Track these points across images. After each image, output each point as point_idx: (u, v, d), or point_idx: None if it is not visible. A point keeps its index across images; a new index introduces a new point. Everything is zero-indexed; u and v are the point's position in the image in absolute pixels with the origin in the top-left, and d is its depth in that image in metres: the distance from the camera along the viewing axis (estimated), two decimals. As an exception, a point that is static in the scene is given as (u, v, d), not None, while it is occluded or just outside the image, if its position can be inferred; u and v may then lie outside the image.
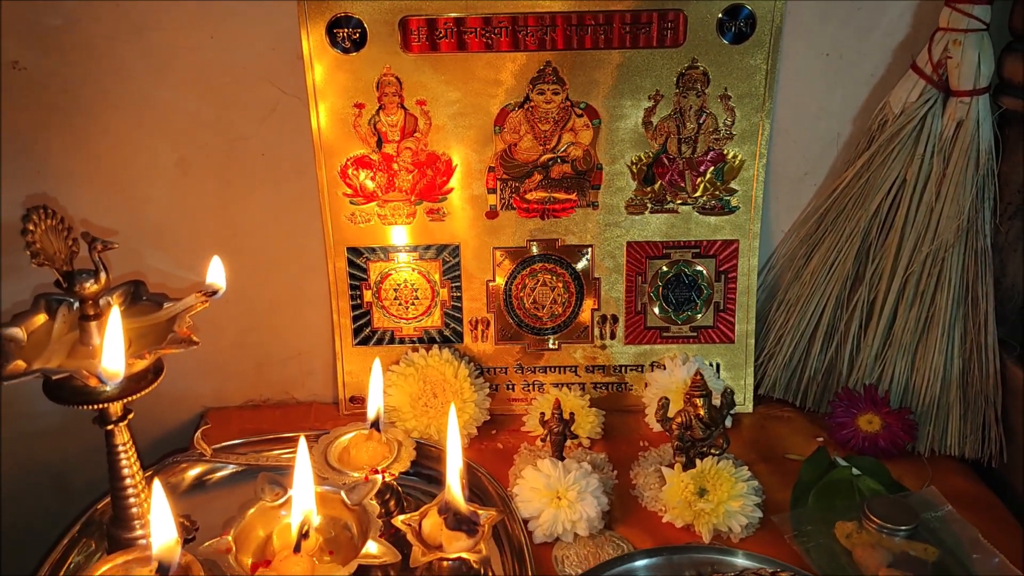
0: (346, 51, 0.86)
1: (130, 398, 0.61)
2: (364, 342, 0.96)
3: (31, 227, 0.57)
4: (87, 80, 0.83)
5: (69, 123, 0.85)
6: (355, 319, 0.95)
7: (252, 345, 0.98)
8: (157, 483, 0.58)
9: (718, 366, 0.97)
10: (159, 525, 0.58)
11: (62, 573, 0.77)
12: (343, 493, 0.73)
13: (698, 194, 0.93)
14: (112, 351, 0.56)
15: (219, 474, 0.87)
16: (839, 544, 0.79)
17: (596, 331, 0.97)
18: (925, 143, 0.87)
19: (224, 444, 0.88)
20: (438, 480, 0.77)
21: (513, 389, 0.98)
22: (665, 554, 0.74)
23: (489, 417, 0.95)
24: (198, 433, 0.80)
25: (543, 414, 0.87)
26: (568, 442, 0.88)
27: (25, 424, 1.00)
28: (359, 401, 0.97)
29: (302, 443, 0.67)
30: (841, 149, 0.93)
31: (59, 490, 1.03)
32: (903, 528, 0.77)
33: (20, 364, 0.57)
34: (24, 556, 0.96)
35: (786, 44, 0.88)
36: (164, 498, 0.58)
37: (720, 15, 0.86)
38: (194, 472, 0.86)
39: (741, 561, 0.73)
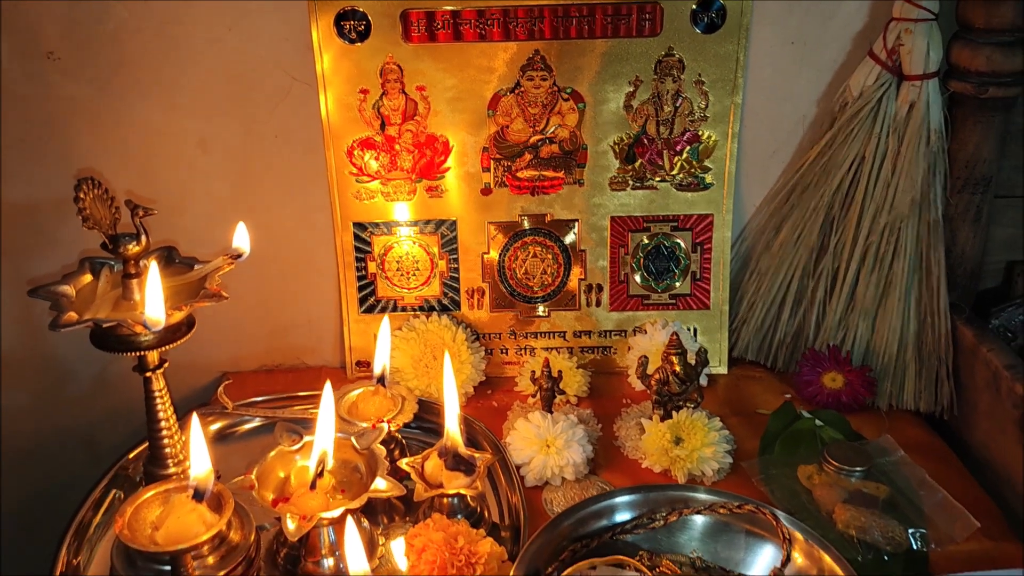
0: (352, 41, 0.94)
1: (166, 347, 0.69)
2: (369, 310, 1.04)
3: (81, 195, 0.65)
4: (117, 70, 0.91)
5: (99, 108, 0.93)
6: (361, 289, 1.03)
7: (266, 314, 1.05)
8: (195, 418, 0.66)
9: (695, 331, 1.05)
10: (197, 457, 0.67)
11: (98, 516, 0.85)
12: (353, 439, 0.81)
13: (675, 172, 1.01)
14: (154, 301, 0.64)
15: (239, 428, 0.96)
16: (800, 485, 0.87)
17: (583, 299, 1.05)
18: (881, 123, 0.95)
19: (243, 402, 0.96)
20: (438, 432, 0.85)
21: (506, 353, 1.06)
22: (643, 492, 0.82)
23: (485, 378, 1.03)
24: (220, 388, 0.88)
25: (534, 372, 0.96)
26: (557, 398, 0.96)
27: (57, 391, 1.08)
28: (365, 365, 1.05)
29: (327, 388, 0.75)
30: (806, 129, 1.01)
31: (88, 451, 1.11)
32: (858, 469, 0.86)
33: (72, 315, 0.66)
34: (58, 508, 1.04)
35: (755, 33, 0.96)
36: (201, 433, 0.66)
37: (694, 7, 0.94)
38: (216, 426, 0.94)
39: (710, 497, 0.81)
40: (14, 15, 0.88)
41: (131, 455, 0.89)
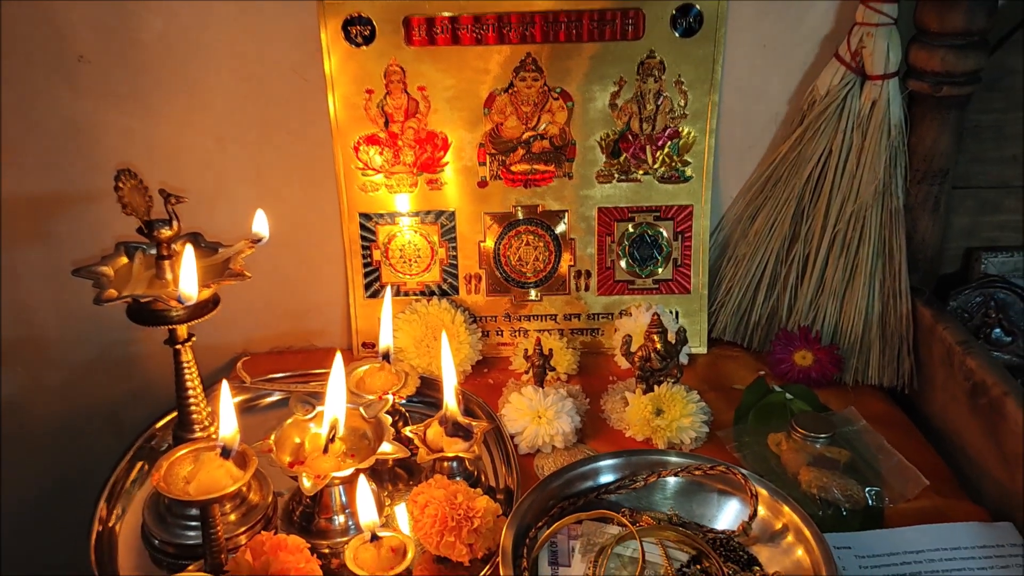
0: (358, 45, 1.01)
1: (195, 321, 0.77)
2: (374, 295, 1.12)
3: (120, 185, 0.73)
4: (142, 71, 0.98)
5: (126, 108, 1.00)
6: (366, 275, 1.11)
7: (278, 299, 1.13)
8: (224, 384, 0.74)
9: (677, 313, 1.12)
10: (225, 418, 0.74)
11: (127, 483, 0.93)
12: (361, 409, 0.88)
13: (657, 166, 1.08)
14: (188, 278, 0.72)
15: (256, 403, 1.03)
16: (770, 451, 0.95)
17: (572, 284, 1.12)
18: (846, 120, 1.02)
19: (259, 378, 1.04)
20: (438, 406, 0.92)
21: (502, 335, 1.14)
22: (625, 456, 0.89)
23: (481, 358, 1.11)
24: (239, 363, 0.96)
25: (527, 350, 1.03)
26: (548, 375, 1.04)
27: (81, 371, 1.15)
28: (370, 346, 1.13)
29: (338, 358, 0.82)
30: (778, 126, 1.08)
31: (112, 427, 1.18)
32: (822, 436, 0.93)
33: (112, 292, 0.73)
34: (86, 480, 1.12)
35: (730, 37, 1.03)
36: (229, 397, 0.74)
37: (673, 12, 1.01)
38: (236, 400, 1.02)
39: (685, 460, 0.89)
40: (47, 21, 0.96)
41: (157, 425, 0.97)
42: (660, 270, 1.12)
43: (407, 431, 0.90)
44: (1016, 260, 1.09)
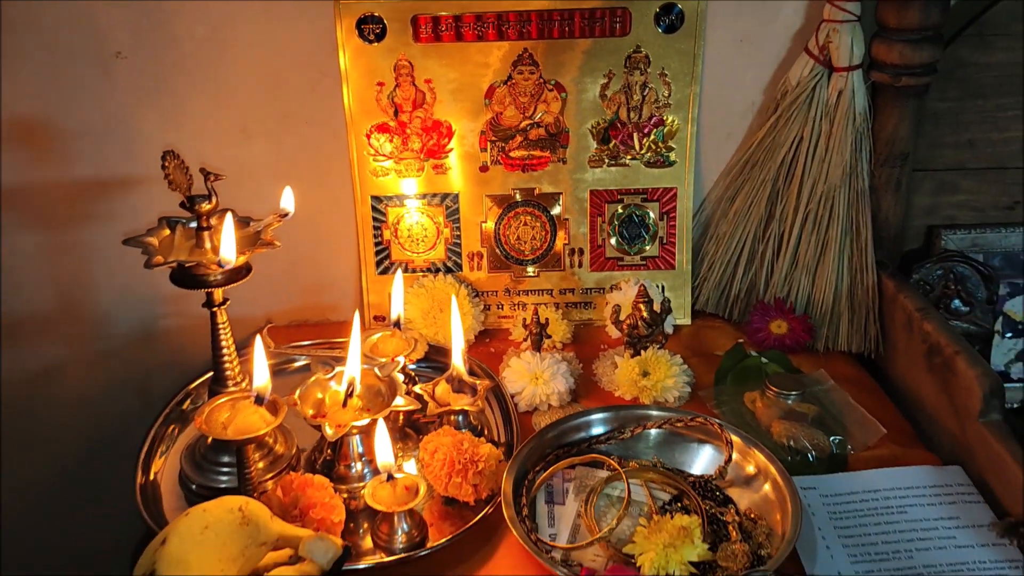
0: (370, 42, 1.11)
1: (230, 285, 0.87)
2: (384, 272, 1.21)
3: (166, 164, 0.83)
4: (174, 67, 1.07)
5: (159, 101, 1.09)
6: (377, 253, 1.20)
7: (296, 276, 1.21)
8: (258, 339, 0.84)
9: (663, 287, 1.21)
10: (258, 369, 0.84)
11: (165, 439, 1.03)
12: (375, 369, 0.98)
13: (644, 151, 1.18)
14: (228, 244, 0.82)
15: (279, 368, 1.12)
16: (746, 408, 1.04)
17: (567, 261, 1.22)
18: (816, 108, 1.11)
19: (282, 346, 1.14)
20: (444, 369, 1.02)
21: (502, 308, 1.23)
22: (614, 410, 0.99)
23: (483, 328, 1.20)
24: (264, 330, 1.06)
25: (525, 319, 1.13)
26: (544, 342, 1.13)
27: (107, 344, 1.23)
28: (381, 319, 1.22)
29: (355, 319, 0.92)
30: (754, 114, 1.17)
31: (141, 397, 1.27)
32: (793, 393, 1.02)
33: (160, 258, 0.83)
34: (119, 442, 1.21)
35: (709, 33, 1.12)
36: (263, 351, 0.84)
37: (657, 10, 1.10)
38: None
39: (669, 413, 0.98)
40: (88, 20, 1.05)
41: (191, 386, 1.07)
42: (647, 248, 1.21)
43: (417, 388, 1.00)
44: (973, 236, 1.18)
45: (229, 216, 0.83)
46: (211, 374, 0.98)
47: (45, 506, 1.29)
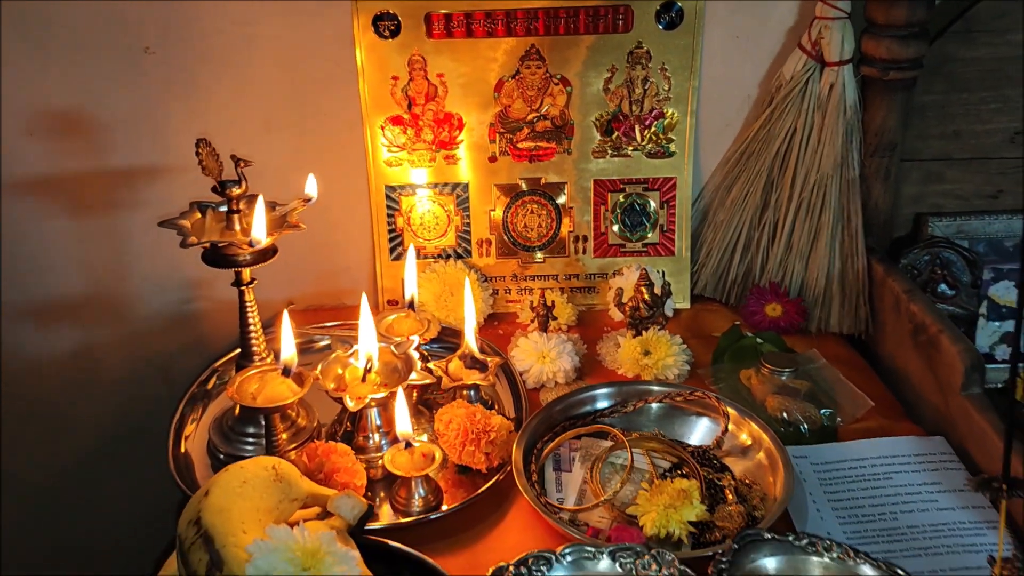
0: (385, 38, 1.16)
1: (258, 265, 0.92)
2: (397, 258, 1.27)
3: (200, 151, 0.89)
4: (200, 62, 1.13)
5: (186, 94, 1.15)
6: (391, 240, 1.26)
7: (313, 262, 1.27)
8: (285, 314, 0.90)
9: (663, 273, 1.27)
10: (285, 343, 0.90)
11: (191, 420, 1.08)
12: (392, 347, 1.04)
13: (645, 143, 1.23)
14: (259, 224, 0.88)
15: (300, 349, 1.18)
16: (742, 384, 1.10)
17: (572, 248, 1.27)
18: (808, 101, 1.17)
19: (303, 327, 1.20)
20: (456, 349, 1.08)
21: (510, 293, 1.28)
22: (617, 386, 1.05)
23: (492, 312, 1.26)
24: (286, 310, 1.11)
25: (531, 302, 1.19)
26: (550, 323, 1.19)
27: (134, 327, 1.29)
28: (394, 303, 1.28)
29: (363, 298, 0.97)
30: (750, 107, 1.22)
31: (163, 379, 1.32)
32: (787, 370, 1.08)
33: (193, 239, 0.89)
34: (142, 425, 1.27)
35: (707, 30, 1.18)
36: (289, 325, 0.90)
37: (657, 8, 1.16)
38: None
39: (669, 388, 1.04)
40: (119, 17, 1.11)
41: (216, 364, 1.13)
42: (648, 235, 1.27)
43: (431, 365, 1.06)
44: (959, 223, 1.24)
45: (260, 199, 0.89)
46: (237, 352, 1.03)
47: (76, 483, 1.35)
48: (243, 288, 0.95)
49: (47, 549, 1.41)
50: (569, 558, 0.80)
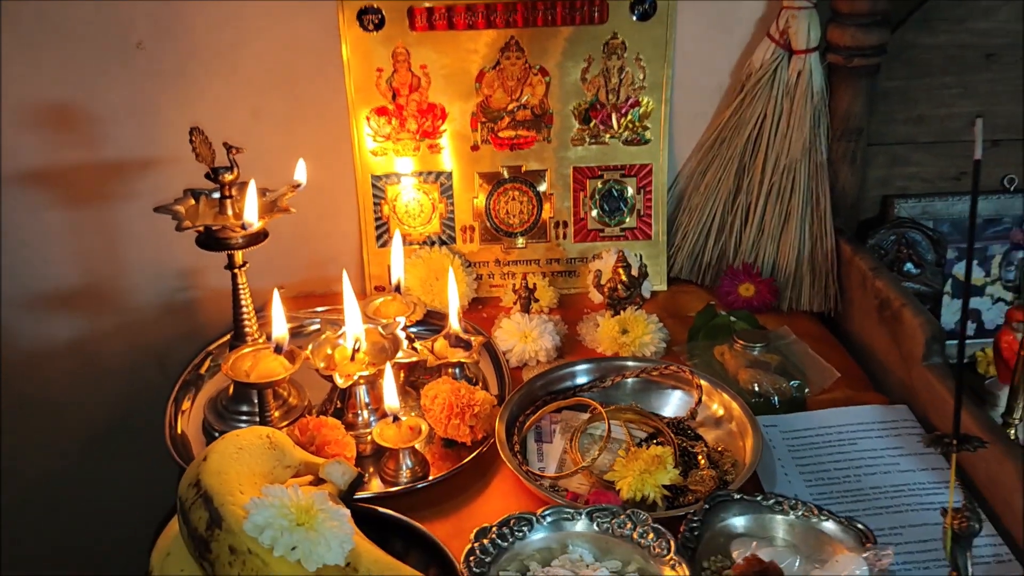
0: (370, 31, 1.20)
1: (250, 248, 0.97)
2: (384, 245, 1.30)
3: (194, 138, 0.93)
4: (190, 55, 1.17)
5: (177, 87, 1.19)
6: (377, 228, 1.30)
7: (302, 251, 1.31)
8: (275, 293, 0.94)
9: (641, 256, 1.31)
10: (276, 321, 0.94)
11: (186, 400, 1.12)
12: (379, 328, 1.08)
13: (622, 130, 1.28)
14: (251, 208, 0.92)
15: (291, 332, 1.22)
16: (716, 360, 1.14)
17: (552, 233, 1.32)
18: (777, 88, 1.22)
19: (294, 312, 1.24)
20: (441, 332, 1.13)
21: (493, 278, 1.32)
22: (595, 362, 1.10)
23: (476, 296, 1.30)
24: (276, 289, 1.15)
25: (514, 284, 1.23)
26: (532, 306, 1.24)
27: (131, 315, 1.33)
28: (382, 289, 1.32)
29: (344, 276, 1.01)
30: (722, 95, 1.27)
31: (158, 366, 1.36)
32: (758, 345, 1.13)
33: (188, 223, 0.93)
34: (136, 411, 1.31)
35: (680, 20, 1.22)
36: (280, 305, 0.94)
37: (631, 0, 1.22)
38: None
39: (645, 363, 1.09)
40: (111, 14, 1.15)
41: (210, 347, 1.17)
42: (626, 220, 1.31)
43: (418, 344, 1.10)
44: (923, 205, 1.29)
45: (252, 183, 0.94)
46: (230, 335, 1.07)
47: (75, 469, 1.39)
48: (236, 271, 0.99)
49: (47, 534, 1.45)
50: (549, 519, 0.84)
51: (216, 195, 0.99)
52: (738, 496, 0.87)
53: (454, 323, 1.10)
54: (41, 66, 1.16)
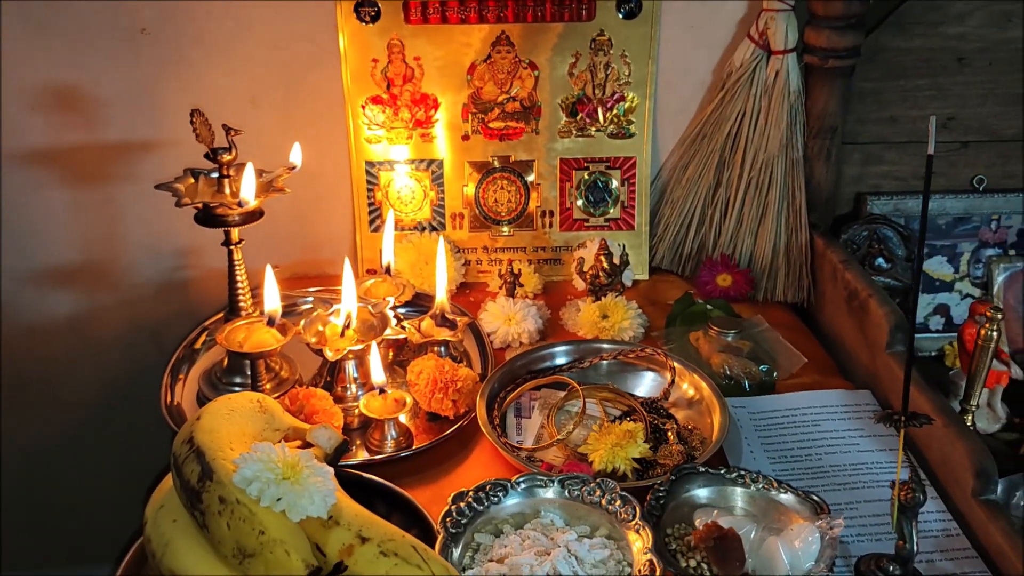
0: (366, 23, 1.25)
1: (247, 225, 1.01)
2: (376, 230, 1.35)
3: (194, 119, 0.97)
4: (192, 42, 1.22)
5: (179, 72, 1.24)
6: (370, 213, 1.35)
7: (297, 234, 1.36)
8: (268, 268, 0.99)
9: (624, 246, 1.36)
10: (269, 295, 0.99)
11: (181, 373, 1.17)
12: (369, 306, 1.13)
13: (607, 124, 1.33)
14: (248, 186, 0.97)
15: (284, 312, 1.27)
16: (691, 345, 1.19)
17: (539, 222, 1.37)
18: (756, 87, 1.27)
19: (287, 292, 1.28)
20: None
21: (481, 264, 1.37)
22: (574, 344, 1.15)
23: (464, 281, 1.35)
24: (269, 265, 1.20)
25: (500, 270, 1.28)
26: (517, 290, 1.28)
27: (127, 293, 1.38)
28: (374, 272, 1.37)
29: (346, 263, 1.06)
30: (704, 92, 1.32)
31: (154, 343, 1.41)
32: (731, 331, 1.18)
33: (187, 200, 0.98)
34: (132, 386, 1.36)
35: (664, 20, 1.27)
36: (273, 279, 0.98)
37: (617, -1, 1.27)
38: (264, 308, 1.26)
39: (622, 346, 1.14)
40: (117, 1, 1.20)
41: (207, 323, 1.21)
42: (610, 210, 1.36)
43: (405, 323, 1.15)
44: (895, 202, 1.34)
45: (250, 164, 0.98)
46: (225, 311, 1.12)
47: (72, 441, 1.44)
48: (232, 247, 1.04)
49: (45, 505, 1.50)
50: (523, 485, 0.89)
51: (215, 175, 1.03)
52: (703, 469, 0.92)
53: (440, 295, 1.14)
54: (46, 49, 1.21)
